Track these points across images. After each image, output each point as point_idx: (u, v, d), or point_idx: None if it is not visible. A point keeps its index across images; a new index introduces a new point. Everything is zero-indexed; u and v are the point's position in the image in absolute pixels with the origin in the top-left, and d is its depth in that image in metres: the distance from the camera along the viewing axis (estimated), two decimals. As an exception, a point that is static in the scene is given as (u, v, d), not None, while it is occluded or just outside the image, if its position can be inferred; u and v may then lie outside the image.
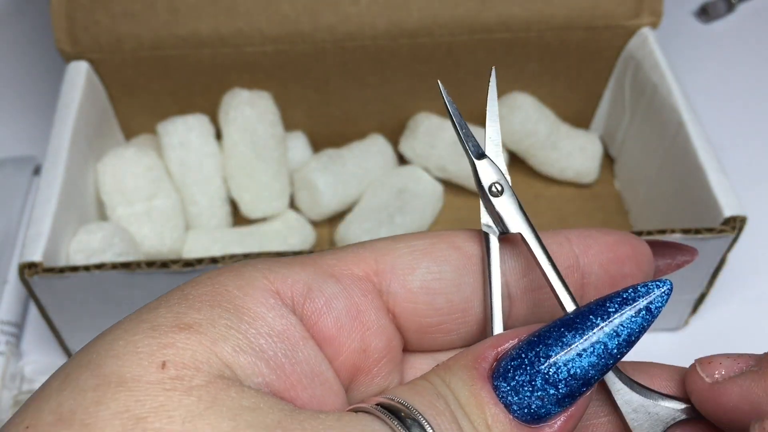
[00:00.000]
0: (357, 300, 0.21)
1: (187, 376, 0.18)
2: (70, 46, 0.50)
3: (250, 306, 0.20)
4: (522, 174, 0.57)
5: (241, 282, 0.20)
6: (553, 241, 0.23)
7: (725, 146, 0.53)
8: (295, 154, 0.55)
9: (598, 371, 0.20)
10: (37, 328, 0.49)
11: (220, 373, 0.18)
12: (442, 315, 0.22)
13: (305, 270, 0.21)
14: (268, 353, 0.19)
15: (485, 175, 0.23)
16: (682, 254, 0.26)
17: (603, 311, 0.20)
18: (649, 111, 0.51)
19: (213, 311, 0.19)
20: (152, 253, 0.49)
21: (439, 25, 0.51)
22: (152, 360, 0.18)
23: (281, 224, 0.52)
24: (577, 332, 0.20)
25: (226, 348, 0.19)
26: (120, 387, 0.17)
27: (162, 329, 0.19)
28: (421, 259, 0.22)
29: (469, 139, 0.23)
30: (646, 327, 0.20)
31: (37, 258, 0.40)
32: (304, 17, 0.50)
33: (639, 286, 0.20)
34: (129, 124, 0.55)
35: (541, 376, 0.19)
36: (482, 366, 0.20)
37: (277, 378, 0.19)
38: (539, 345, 0.20)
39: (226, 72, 0.52)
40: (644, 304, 0.20)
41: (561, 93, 0.56)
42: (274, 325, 0.20)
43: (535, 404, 0.19)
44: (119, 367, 0.18)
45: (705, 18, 0.70)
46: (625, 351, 0.20)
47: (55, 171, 0.44)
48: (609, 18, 0.51)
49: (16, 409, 0.44)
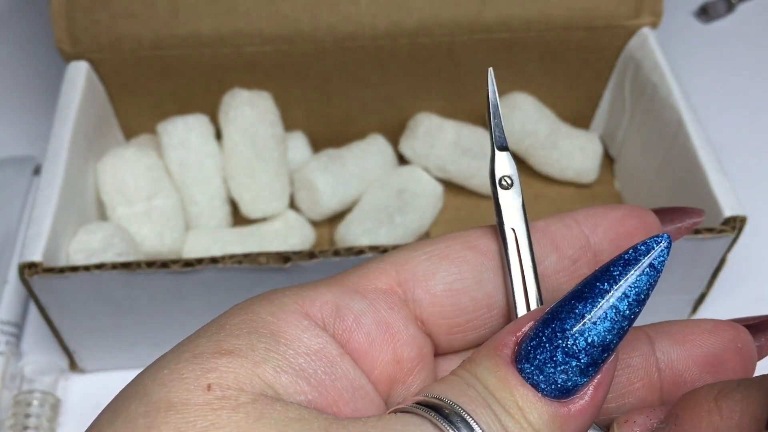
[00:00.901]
0: (384, 313, 0.22)
1: (232, 396, 0.18)
2: (70, 46, 0.50)
3: (285, 329, 0.20)
4: (522, 174, 0.56)
5: (273, 308, 0.21)
6: (562, 224, 0.24)
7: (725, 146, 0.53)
8: (295, 154, 0.55)
9: (615, 335, 0.20)
10: (37, 328, 0.49)
11: (263, 393, 0.19)
12: (468, 313, 0.23)
13: (331, 290, 0.22)
14: (308, 371, 0.20)
15: (501, 166, 0.24)
16: (689, 216, 0.26)
17: (608, 276, 0.20)
18: (649, 111, 0.51)
19: (251, 337, 0.20)
20: (152, 253, 0.49)
21: (439, 25, 0.51)
22: (197, 384, 0.19)
23: (281, 224, 0.52)
24: (586, 301, 0.20)
25: (267, 369, 0.19)
26: (169, 411, 0.18)
27: (204, 356, 0.19)
28: (439, 264, 0.23)
29: (498, 129, 0.24)
30: (653, 283, 0.20)
31: (37, 258, 0.40)
32: (304, 17, 0.50)
33: (639, 245, 0.20)
34: (129, 124, 0.55)
35: (561, 350, 0.20)
36: (504, 352, 0.20)
37: (319, 395, 0.20)
38: (554, 321, 0.20)
39: (226, 72, 0.52)
40: (647, 262, 0.20)
41: (561, 93, 0.56)
42: (310, 345, 0.20)
43: (561, 378, 0.20)
44: (166, 393, 0.18)
45: (705, 18, 0.70)
46: (638, 310, 0.20)
47: (55, 171, 0.44)
48: (609, 18, 0.51)
49: (16, 409, 0.44)
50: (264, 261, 0.40)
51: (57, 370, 0.47)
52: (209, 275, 0.40)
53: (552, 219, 0.24)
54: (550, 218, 0.24)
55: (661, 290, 0.46)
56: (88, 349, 0.46)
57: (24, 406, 0.44)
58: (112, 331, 0.44)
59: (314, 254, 0.40)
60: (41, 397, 0.44)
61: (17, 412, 0.44)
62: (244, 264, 0.40)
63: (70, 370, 0.48)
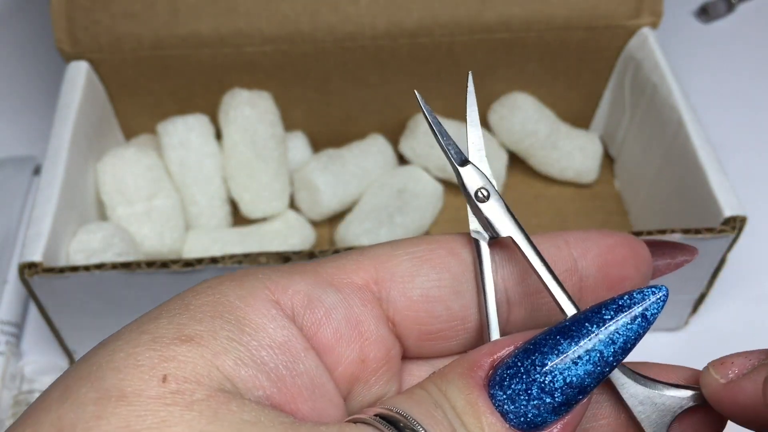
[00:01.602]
0: (356, 310, 0.21)
1: (188, 391, 0.18)
2: (70, 46, 0.50)
3: (251, 317, 0.20)
4: (522, 174, 0.57)
5: (242, 292, 0.20)
6: (551, 244, 0.23)
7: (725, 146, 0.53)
8: (295, 154, 0.55)
9: (594, 379, 0.20)
10: (37, 328, 0.49)
11: (220, 387, 0.18)
12: (442, 323, 0.22)
13: (305, 279, 0.21)
14: (270, 365, 0.19)
15: (470, 180, 0.23)
16: (681, 254, 0.25)
17: (598, 318, 0.20)
18: (649, 111, 0.51)
19: (214, 322, 0.19)
20: (152, 253, 0.49)
21: (439, 25, 0.51)
22: (153, 373, 0.18)
23: (281, 224, 0.52)
24: (572, 340, 0.20)
25: (227, 361, 0.19)
26: (121, 401, 0.17)
27: (163, 341, 0.19)
28: (420, 267, 0.22)
29: (450, 146, 0.23)
30: (642, 334, 0.20)
31: (37, 258, 0.40)
32: (304, 17, 0.50)
33: (635, 292, 0.20)
34: (129, 124, 0.55)
35: (537, 385, 0.19)
36: (478, 374, 0.20)
37: (278, 390, 0.19)
38: (535, 353, 0.20)
39: (226, 72, 0.52)
40: (640, 311, 0.20)
41: (561, 93, 0.56)
42: (275, 337, 0.20)
43: (532, 413, 0.19)
44: (120, 381, 0.18)
45: (705, 18, 0.70)
46: (621, 358, 0.20)
47: (55, 171, 0.44)
48: (609, 18, 0.51)
49: (16, 409, 0.44)
50: (264, 261, 0.40)
51: (57, 370, 0.47)
52: (209, 275, 0.40)
53: (542, 237, 0.23)
54: (541, 236, 0.23)
55: (661, 290, 0.46)
56: (87, 349, 0.46)
57: (24, 406, 0.44)
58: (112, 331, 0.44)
59: (314, 254, 0.40)
60: (41, 397, 0.44)
61: (17, 412, 0.44)
62: (244, 264, 0.40)
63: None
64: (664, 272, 0.25)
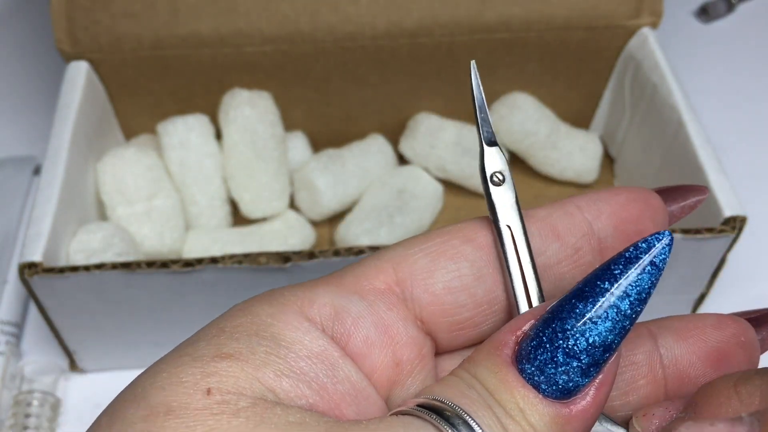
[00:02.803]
0: (383, 315, 0.22)
1: (232, 400, 0.18)
2: (70, 46, 0.50)
3: (285, 332, 0.20)
4: (522, 174, 0.57)
5: (272, 310, 0.21)
6: (563, 212, 0.23)
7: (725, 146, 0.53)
8: (295, 154, 0.55)
9: (617, 335, 0.20)
10: (37, 328, 0.49)
11: (263, 397, 0.19)
12: (469, 310, 0.22)
13: (329, 291, 0.22)
14: (310, 375, 0.20)
15: (491, 162, 0.23)
16: (693, 194, 0.26)
17: (609, 275, 0.20)
18: (649, 111, 0.51)
19: (251, 340, 0.20)
20: (152, 253, 0.49)
21: (439, 25, 0.51)
22: (197, 388, 0.18)
23: (281, 224, 0.52)
24: (587, 301, 0.20)
25: (268, 373, 0.19)
26: (168, 415, 0.18)
27: (204, 359, 0.19)
28: (437, 261, 0.22)
29: (485, 124, 0.24)
30: (655, 282, 0.20)
31: (37, 258, 0.40)
32: (304, 17, 0.50)
33: (640, 242, 0.20)
34: (129, 124, 0.55)
35: (562, 351, 0.20)
36: (504, 352, 0.20)
37: (320, 398, 0.20)
38: (554, 321, 0.20)
39: (226, 72, 0.52)
40: (648, 260, 0.20)
41: (561, 93, 0.56)
42: (312, 348, 0.20)
43: (562, 379, 0.20)
44: (165, 397, 0.18)
45: (705, 18, 0.70)
46: (639, 309, 0.20)
47: (55, 171, 0.44)
48: (609, 18, 0.51)
49: (16, 409, 0.44)
50: (264, 261, 0.40)
51: (57, 370, 0.47)
52: (209, 275, 0.40)
53: (553, 207, 0.23)
54: (552, 206, 0.23)
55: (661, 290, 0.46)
56: (88, 349, 0.46)
57: (24, 406, 0.44)
58: (112, 331, 0.44)
59: (314, 254, 0.40)
60: (41, 397, 0.44)
61: (17, 412, 0.44)
62: (244, 264, 0.40)
63: (70, 370, 0.48)
64: (680, 216, 0.25)
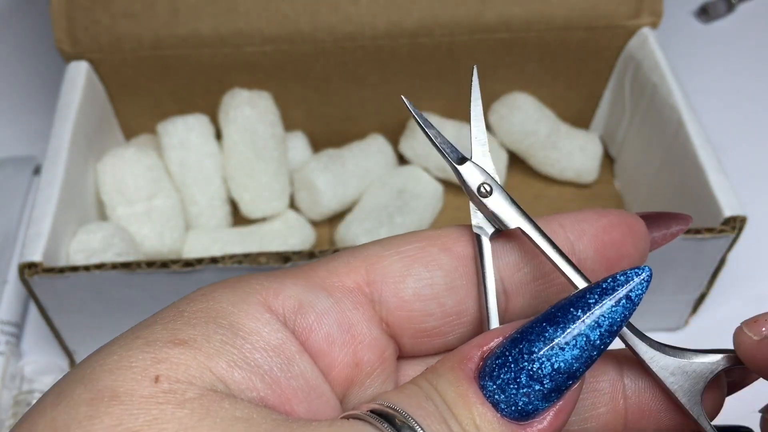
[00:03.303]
0: (348, 313, 0.21)
1: (179, 390, 0.18)
2: (70, 46, 0.50)
3: (245, 321, 0.20)
4: (522, 174, 0.57)
5: (234, 298, 0.20)
6: (547, 229, 0.23)
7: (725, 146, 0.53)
8: (295, 154, 0.55)
9: (583, 363, 0.20)
10: (37, 328, 0.49)
11: (213, 388, 0.18)
12: (437, 320, 0.22)
13: (297, 284, 0.21)
14: (263, 368, 0.19)
15: (471, 177, 0.23)
16: (676, 222, 0.25)
17: (583, 303, 0.20)
18: (649, 111, 0.51)
19: (208, 327, 0.19)
20: (152, 253, 0.49)
21: (439, 25, 0.51)
22: (145, 374, 0.18)
23: (281, 224, 0.52)
24: (558, 326, 0.20)
25: (220, 363, 0.19)
26: (113, 401, 0.17)
27: (156, 344, 0.19)
28: (411, 266, 0.22)
29: (445, 146, 0.23)
30: (628, 315, 0.20)
31: (37, 258, 0.40)
32: (304, 17, 0.50)
33: (618, 274, 0.20)
34: (129, 124, 0.55)
35: (526, 373, 0.19)
36: (468, 366, 0.20)
37: (272, 392, 0.19)
38: (522, 341, 0.20)
39: (226, 72, 0.52)
40: (624, 293, 0.20)
41: (561, 93, 0.56)
42: (269, 340, 0.20)
43: (522, 401, 0.19)
44: (112, 381, 0.18)
45: (705, 18, 0.70)
46: (608, 341, 0.20)
47: (55, 171, 0.44)
48: (609, 18, 0.51)
49: (16, 409, 0.44)
50: (264, 261, 0.40)
51: (57, 370, 0.47)
52: (209, 275, 0.40)
53: (537, 222, 0.23)
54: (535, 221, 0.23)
55: (661, 290, 0.46)
56: (88, 349, 0.46)
57: (24, 406, 0.44)
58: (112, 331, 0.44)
59: (314, 254, 0.40)
60: (41, 397, 0.44)
61: (17, 412, 0.44)
62: (244, 264, 0.40)
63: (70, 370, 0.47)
64: (661, 244, 0.25)
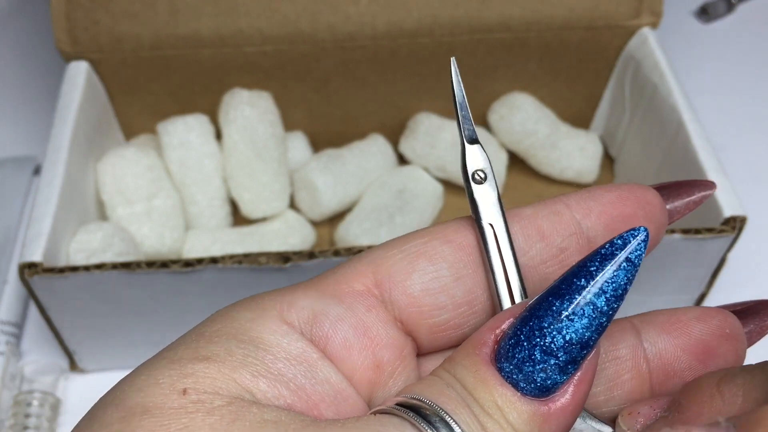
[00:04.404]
0: (362, 317, 0.22)
1: (207, 400, 0.18)
2: (70, 46, 0.50)
3: (264, 335, 0.20)
4: (522, 174, 0.57)
5: (251, 315, 0.21)
6: (551, 210, 0.23)
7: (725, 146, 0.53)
8: (295, 154, 0.55)
9: (594, 331, 0.20)
10: (37, 328, 0.49)
11: (240, 396, 0.19)
12: (449, 312, 0.22)
13: (308, 296, 0.22)
14: (288, 376, 0.20)
15: (473, 160, 0.23)
16: (699, 188, 0.25)
17: (585, 272, 0.20)
18: (649, 111, 0.51)
19: (230, 343, 0.20)
20: (152, 253, 0.49)
21: (439, 25, 0.51)
22: (173, 389, 0.19)
23: (281, 224, 0.52)
24: (564, 298, 0.20)
25: (245, 374, 0.19)
26: (144, 415, 0.18)
27: (181, 362, 0.19)
28: (415, 262, 0.22)
29: (466, 122, 0.23)
30: (632, 278, 0.20)
31: (37, 258, 0.40)
32: (304, 17, 0.50)
33: (615, 239, 0.20)
34: (129, 124, 0.55)
35: (539, 348, 0.20)
36: (483, 351, 0.20)
37: (299, 399, 0.20)
38: (532, 319, 0.20)
39: (226, 72, 0.52)
40: (624, 256, 0.20)
41: (561, 93, 0.56)
42: (290, 350, 0.20)
43: (540, 377, 0.20)
44: (142, 399, 0.18)
45: (705, 18, 0.70)
46: (616, 305, 0.20)
47: (55, 171, 0.44)
48: (609, 18, 0.51)
49: (16, 409, 0.44)
50: (264, 261, 0.40)
51: (57, 370, 0.47)
52: (209, 275, 0.40)
53: (541, 205, 0.23)
54: (539, 204, 0.23)
55: (661, 290, 0.46)
56: (88, 349, 0.46)
57: (24, 406, 0.44)
58: (112, 331, 0.44)
59: (314, 254, 0.40)
60: (41, 397, 0.44)
61: (17, 412, 0.44)
62: (244, 264, 0.40)
63: (70, 370, 0.48)
64: (684, 213, 0.25)
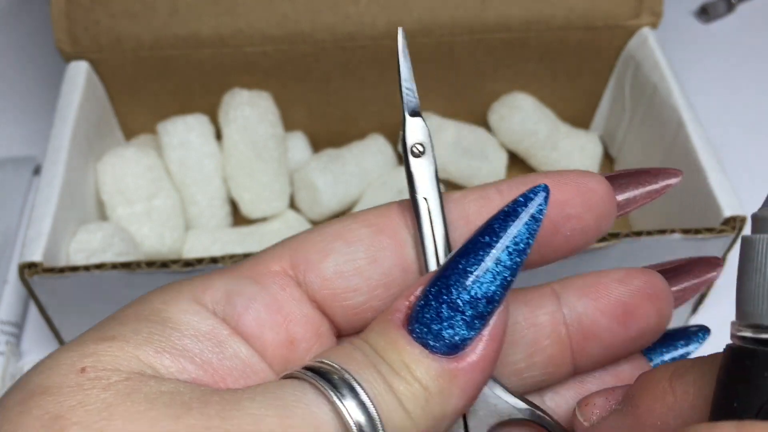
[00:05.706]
0: (277, 295, 0.22)
1: (105, 376, 0.18)
2: (70, 46, 0.50)
3: (175, 315, 0.20)
4: (522, 174, 0.57)
5: (166, 297, 0.21)
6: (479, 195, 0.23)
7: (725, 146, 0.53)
8: (295, 154, 0.55)
9: (499, 286, 0.20)
10: (37, 328, 0.49)
11: (141, 372, 0.19)
12: (363, 294, 0.22)
13: (223, 278, 0.22)
14: (193, 351, 0.20)
15: (413, 133, 0.23)
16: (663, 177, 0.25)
17: (489, 230, 0.20)
18: (649, 111, 0.51)
19: (139, 324, 0.20)
20: (152, 253, 0.49)
21: (439, 25, 0.50)
22: (72, 368, 0.19)
23: (281, 224, 0.52)
24: (469, 256, 0.20)
25: (148, 351, 0.19)
26: (43, 395, 0.18)
27: (86, 343, 0.20)
28: (332, 244, 0.22)
29: (409, 92, 0.23)
30: (534, 233, 0.21)
31: (37, 258, 0.40)
32: (304, 17, 0.50)
33: (519, 197, 0.21)
34: (129, 124, 0.55)
35: (446, 305, 0.20)
36: (396, 316, 0.20)
37: (204, 373, 0.20)
38: (440, 279, 0.20)
39: (226, 72, 0.52)
40: (527, 213, 0.21)
41: (561, 93, 0.56)
42: (199, 327, 0.20)
43: (448, 333, 0.20)
44: (43, 380, 0.19)
45: (705, 18, 0.70)
46: (519, 260, 0.20)
47: (55, 171, 0.44)
48: (609, 18, 0.51)
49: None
50: (264, 261, 0.40)
51: (57, 370, 0.47)
52: (209, 275, 0.40)
53: (471, 190, 0.23)
54: (471, 189, 0.23)
55: (661, 290, 0.46)
56: (88, 349, 0.46)
57: (24, 406, 0.44)
58: (112, 331, 0.44)
59: (314, 254, 0.40)
60: (41, 397, 0.44)
61: (17, 412, 0.43)
62: (244, 264, 0.40)
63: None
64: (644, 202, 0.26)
